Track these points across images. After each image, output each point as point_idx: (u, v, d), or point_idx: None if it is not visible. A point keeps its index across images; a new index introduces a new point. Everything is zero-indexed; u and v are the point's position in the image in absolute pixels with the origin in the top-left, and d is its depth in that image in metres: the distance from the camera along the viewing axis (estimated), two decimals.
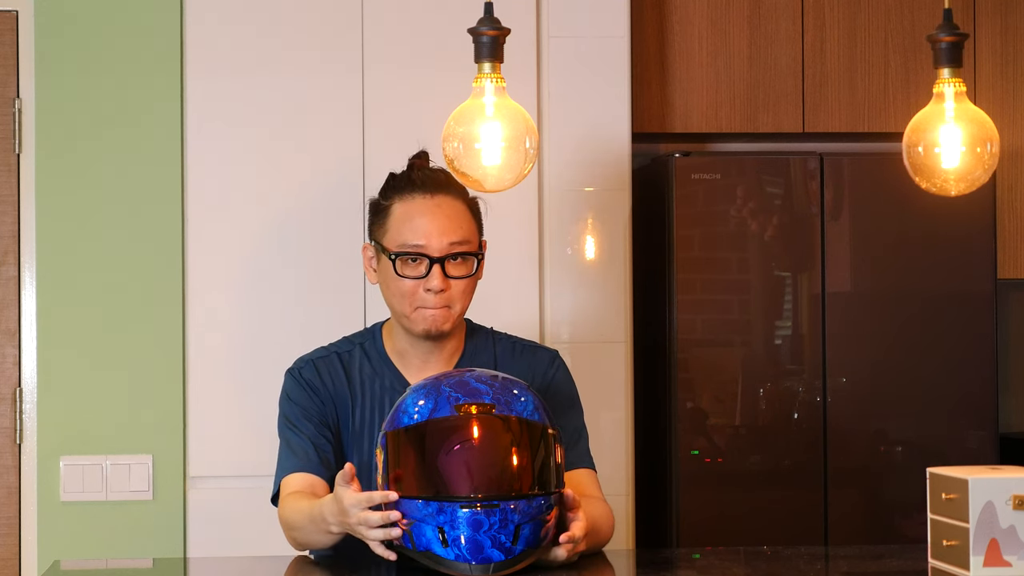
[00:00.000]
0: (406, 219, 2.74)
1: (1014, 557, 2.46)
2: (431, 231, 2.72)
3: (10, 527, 3.86)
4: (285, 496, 2.74)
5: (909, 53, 4.40)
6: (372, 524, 2.48)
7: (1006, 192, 4.45)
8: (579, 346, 3.94)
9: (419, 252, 2.72)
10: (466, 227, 2.75)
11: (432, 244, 2.72)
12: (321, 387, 2.80)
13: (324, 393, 2.80)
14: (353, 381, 2.82)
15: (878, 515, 4.19)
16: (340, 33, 3.90)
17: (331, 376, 2.81)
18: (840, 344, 4.18)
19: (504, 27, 2.60)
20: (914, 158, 2.76)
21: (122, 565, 3.38)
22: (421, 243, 2.72)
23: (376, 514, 2.48)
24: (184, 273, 3.85)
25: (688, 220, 4.15)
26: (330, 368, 2.82)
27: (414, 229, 2.72)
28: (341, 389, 2.81)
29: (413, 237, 2.72)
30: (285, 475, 2.77)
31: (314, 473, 2.75)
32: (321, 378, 2.81)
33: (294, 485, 2.75)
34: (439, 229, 2.72)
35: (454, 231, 2.73)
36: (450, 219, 2.73)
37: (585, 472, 2.83)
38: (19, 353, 3.88)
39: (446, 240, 2.72)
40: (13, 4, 3.90)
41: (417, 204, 2.74)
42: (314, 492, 2.72)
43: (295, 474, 2.76)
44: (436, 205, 2.74)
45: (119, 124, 3.86)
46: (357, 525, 2.51)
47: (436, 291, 2.72)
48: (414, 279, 2.72)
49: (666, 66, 4.34)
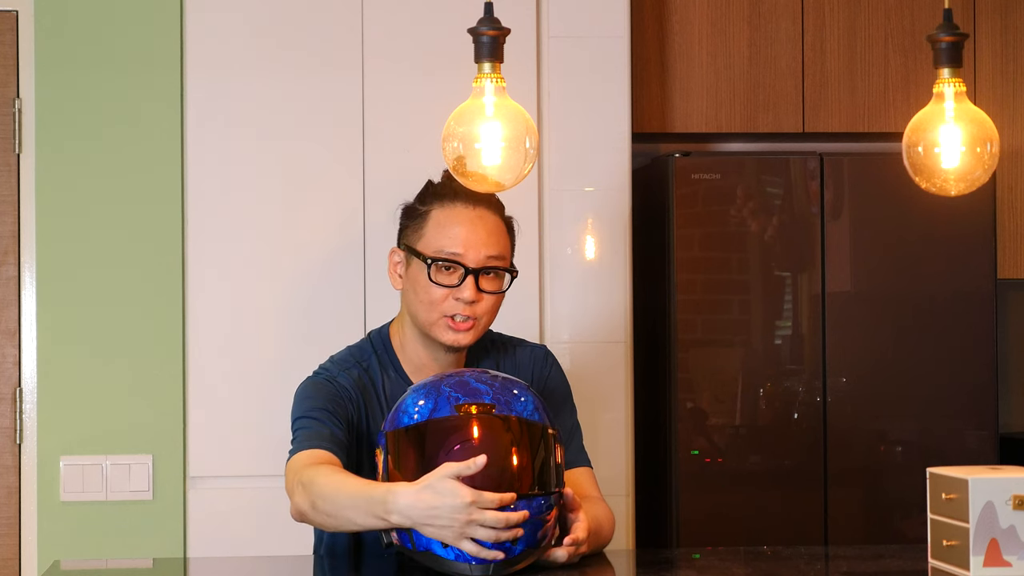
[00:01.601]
0: (446, 226, 2.71)
1: (1014, 557, 2.46)
2: (470, 241, 2.69)
3: (10, 527, 3.86)
4: (312, 463, 2.56)
5: (909, 53, 4.40)
6: (513, 523, 2.40)
7: (1006, 192, 4.45)
8: (579, 346, 3.94)
9: (455, 260, 2.69)
10: (503, 243, 2.74)
11: (469, 255, 2.69)
12: (356, 394, 2.72)
13: (358, 399, 2.72)
14: (379, 395, 2.75)
15: (878, 515, 4.19)
16: (340, 33, 3.90)
17: (362, 389, 2.73)
18: (840, 344, 4.18)
19: (504, 27, 2.60)
20: (914, 158, 2.76)
21: (122, 565, 3.38)
22: (459, 252, 2.69)
23: (515, 515, 2.40)
24: (184, 273, 3.85)
25: (688, 220, 4.15)
26: (362, 380, 2.74)
27: (453, 237, 2.70)
28: (372, 402, 2.74)
29: (451, 245, 2.69)
30: (304, 449, 2.60)
31: (334, 453, 2.60)
32: (359, 388, 2.73)
33: (320, 457, 2.58)
34: (478, 240, 2.70)
35: (492, 245, 2.71)
36: (489, 233, 2.71)
37: (583, 471, 2.83)
38: (19, 353, 3.88)
39: (484, 252, 2.70)
40: (13, 4, 3.90)
41: (458, 212, 2.72)
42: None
43: (316, 450, 2.59)
44: (477, 217, 2.72)
45: (119, 124, 3.86)
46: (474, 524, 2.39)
47: (467, 302, 2.69)
48: (446, 287, 2.70)
49: (666, 66, 4.34)
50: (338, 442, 2.62)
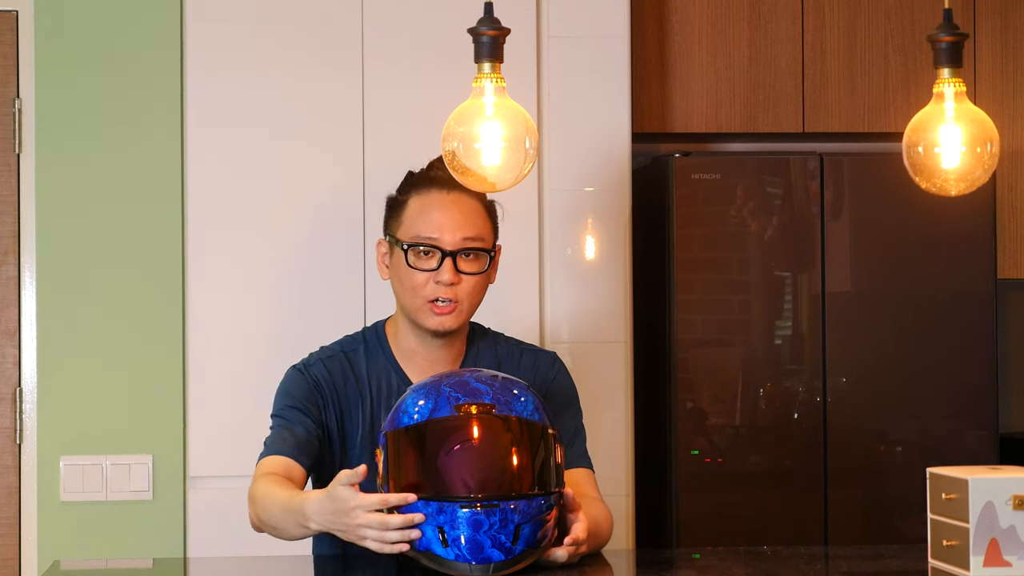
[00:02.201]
0: (421, 212, 2.76)
1: (1014, 557, 2.46)
2: (445, 225, 2.74)
3: (10, 527, 3.86)
4: (260, 475, 2.71)
5: (909, 53, 4.40)
6: (391, 527, 2.44)
7: (1006, 192, 4.45)
8: (579, 346, 3.94)
9: (432, 244, 2.74)
10: (480, 224, 2.78)
11: (445, 238, 2.74)
12: (330, 387, 2.80)
13: (331, 393, 2.80)
14: (361, 381, 2.81)
15: (878, 515, 4.18)
16: (340, 33, 3.90)
17: (342, 375, 2.81)
18: (840, 344, 4.18)
19: (504, 27, 2.60)
20: (914, 158, 2.76)
21: (122, 565, 3.38)
22: (434, 236, 2.74)
23: (398, 517, 2.44)
24: (184, 273, 3.85)
25: (688, 220, 4.15)
26: (340, 366, 2.82)
27: (428, 222, 2.75)
28: (351, 388, 2.81)
29: (427, 230, 2.74)
30: (267, 455, 2.74)
31: (293, 459, 2.71)
32: (332, 376, 2.80)
33: (271, 466, 2.71)
34: (453, 223, 2.75)
35: (468, 227, 2.75)
36: (465, 215, 2.76)
37: (583, 472, 2.84)
38: (19, 353, 3.88)
39: (459, 235, 2.74)
40: (13, 4, 3.90)
41: (433, 198, 2.77)
42: (290, 476, 2.70)
43: (275, 457, 2.72)
44: (452, 201, 2.76)
45: (119, 124, 3.86)
46: (362, 527, 2.47)
47: (446, 284, 2.73)
48: (425, 271, 2.74)
49: (666, 66, 4.34)
50: (300, 443, 2.73)
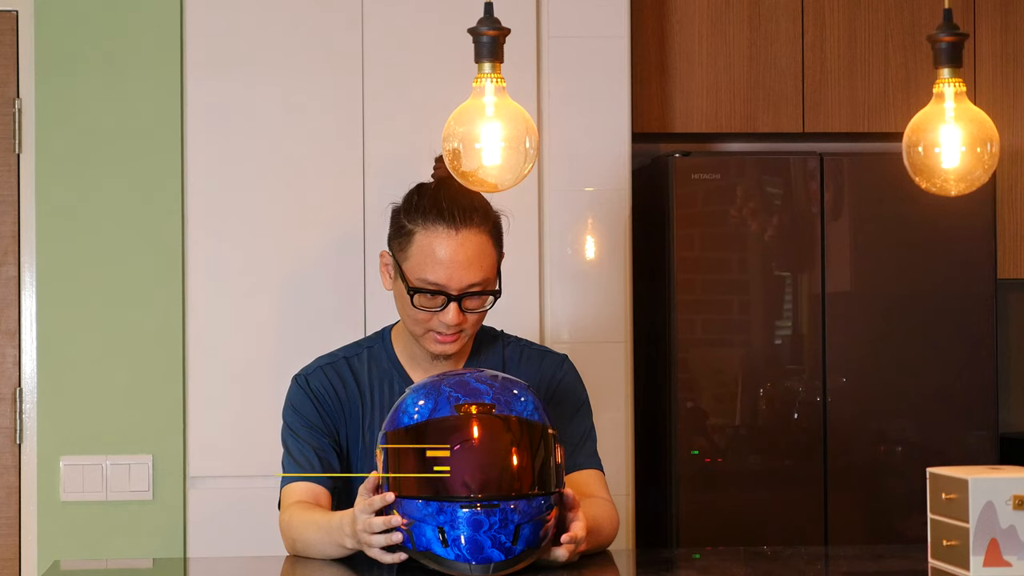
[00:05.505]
0: (428, 253, 2.69)
1: (1014, 557, 2.46)
2: (452, 273, 2.68)
3: (10, 527, 3.86)
4: (289, 505, 2.73)
5: (909, 53, 4.40)
6: (374, 529, 2.48)
7: (1006, 192, 4.45)
8: (579, 346, 3.93)
9: (438, 291, 2.69)
10: (487, 265, 2.72)
11: (452, 285, 2.69)
12: (330, 396, 2.79)
13: (332, 402, 2.79)
14: (362, 385, 2.81)
15: (878, 515, 4.18)
16: (340, 33, 3.90)
17: (341, 381, 2.81)
18: (840, 344, 4.18)
19: (504, 27, 2.60)
20: (914, 158, 2.76)
21: (122, 565, 3.38)
22: (441, 283, 2.69)
23: (378, 519, 2.48)
24: (184, 273, 3.85)
25: (688, 220, 4.15)
26: (340, 373, 2.81)
27: (435, 267, 2.68)
28: (352, 393, 2.80)
29: (434, 275, 2.68)
30: (288, 483, 2.76)
31: (316, 482, 2.74)
32: (332, 384, 2.80)
33: (297, 495, 2.74)
34: (460, 270, 2.68)
35: (475, 273, 2.69)
36: (470, 260, 2.69)
37: (592, 473, 2.84)
38: (19, 353, 3.88)
39: (466, 281, 2.69)
40: (13, 4, 3.90)
41: (441, 238, 2.69)
42: (317, 502, 2.73)
43: (299, 484, 2.75)
44: (459, 243, 2.69)
45: (119, 124, 3.86)
46: (361, 532, 2.50)
47: (451, 324, 2.71)
48: (430, 311, 2.71)
49: (666, 66, 4.34)
50: (320, 462, 2.76)
